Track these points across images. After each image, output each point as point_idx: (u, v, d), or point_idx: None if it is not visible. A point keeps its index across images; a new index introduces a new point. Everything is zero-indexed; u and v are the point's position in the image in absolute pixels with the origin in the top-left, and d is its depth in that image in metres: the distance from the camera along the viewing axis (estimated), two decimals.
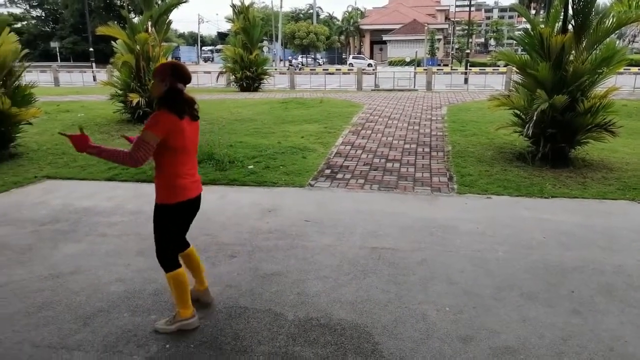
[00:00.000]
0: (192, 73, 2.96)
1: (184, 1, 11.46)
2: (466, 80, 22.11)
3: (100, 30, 10.60)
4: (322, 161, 7.46)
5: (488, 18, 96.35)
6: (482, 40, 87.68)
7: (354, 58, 50.12)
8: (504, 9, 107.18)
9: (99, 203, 5.57)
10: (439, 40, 54.85)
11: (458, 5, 56.80)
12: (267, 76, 20.14)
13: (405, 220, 4.98)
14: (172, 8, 11.40)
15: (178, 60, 31.96)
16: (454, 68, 33.44)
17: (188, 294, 2.99)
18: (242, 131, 9.84)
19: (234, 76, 19.64)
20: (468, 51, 32.33)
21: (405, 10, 58.52)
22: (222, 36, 61.46)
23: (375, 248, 4.26)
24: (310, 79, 23.11)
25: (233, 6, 18.95)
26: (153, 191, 2.86)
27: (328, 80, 22.41)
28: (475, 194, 5.87)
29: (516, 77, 8.22)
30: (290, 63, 42.39)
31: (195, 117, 2.86)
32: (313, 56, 57.85)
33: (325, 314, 3.20)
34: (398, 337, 2.95)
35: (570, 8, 6.76)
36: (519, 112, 7.54)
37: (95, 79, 25.33)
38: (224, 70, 20.10)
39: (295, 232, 4.64)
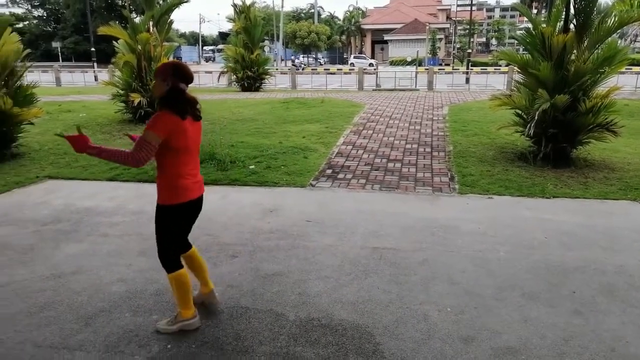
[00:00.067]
0: (194, 73, 2.95)
1: (186, 1, 11.48)
2: (467, 80, 22.09)
3: (102, 30, 10.62)
4: (324, 161, 7.46)
5: (490, 17, 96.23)
6: (484, 39, 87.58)
7: (355, 58, 50.10)
8: (505, 8, 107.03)
9: (100, 203, 5.59)
10: (441, 39, 54.82)
11: (459, 5, 56.81)
12: (269, 76, 20.15)
13: (406, 220, 4.98)
14: (174, 8, 11.41)
15: (179, 60, 31.99)
16: (455, 68, 33.44)
17: (190, 295, 2.99)
18: (244, 131, 9.85)
19: (235, 76, 19.67)
20: (469, 51, 32.33)
21: (406, 10, 58.46)
22: (224, 36, 61.48)
23: (376, 248, 4.26)
24: (311, 79, 23.10)
25: (234, 6, 18.97)
26: (154, 191, 2.86)
27: (329, 80, 22.43)
28: (477, 194, 5.86)
29: (518, 77, 8.21)
30: (293, 63, 42.38)
31: (197, 117, 2.83)
32: (314, 56, 57.84)
33: (327, 314, 3.21)
34: (399, 338, 2.95)
35: (571, 7, 6.75)
36: (520, 112, 7.54)
37: (96, 79, 25.35)
38: (226, 70, 20.12)
39: (297, 232, 4.64)
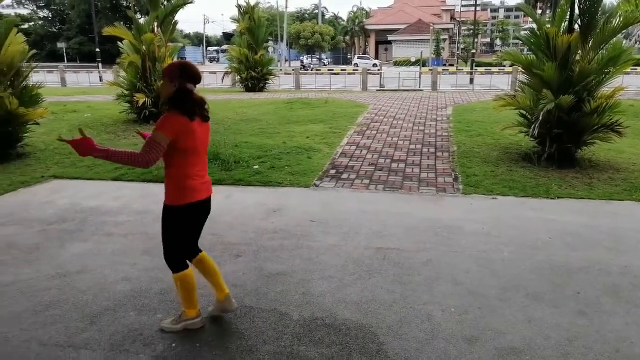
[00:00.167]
0: None
1: (190, 2, 11.54)
2: (472, 81, 22.05)
3: (107, 31, 10.68)
4: (328, 161, 7.47)
5: (494, 18, 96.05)
6: (488, 40, 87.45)
7: (359, 58, 50.07)
8: (510, 8, 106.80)
9: (105, 203, 5.61)
10: (445, 40, 54.73)
11: (464, 5, 56.56)
12: (273, 77, 20.19)
13: (410, 220, 4.98)
14: (178, 9, 11.47)
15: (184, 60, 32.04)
16: (459, 68, 33.37)
17: (194, 295, 3.00)
18: (248, 131, 9.87)
19: (239, 77, 19.74)
20: (474, 51, 32.24)
21: (410, 11, 58.41)
22: (228, 37, 61.61)
23: (380, 248, 4.26)
24: (315, 80, 23.12)
25: (239, 7, 19.04)
26: (159, 191, 2.87)
27: (333, 80, 22.42)
28: (481, 195, 5.86)
29: (522, 77, 8.20)
30: (302, 63, 42.19)
31: (206, 118, 2.80)
32: (318, 56, 57.89)
33: (331, 314, 3.21)
34: (403, 338, 2.95)
35: (576, 8, 6.74)
36: (525, 113, 7.52)
37: (101, 79, 25.50)
38: (230, 70, 20.19)
39: (301, 232, 4.65)
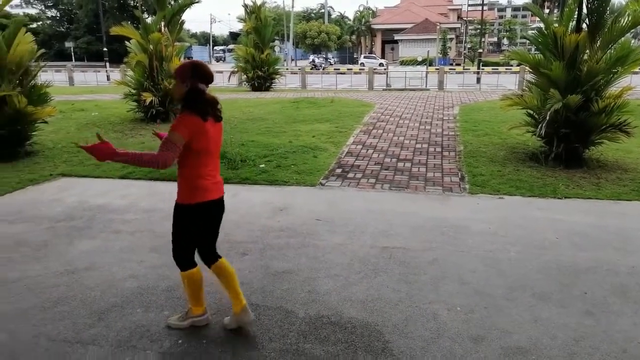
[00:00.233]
0: None
1: (197, 1, 11.58)
2: (478, 80, 21.95)
3: (114, 30, 10.74)
4: (333, 160, 7.47)
5: (501, 17, 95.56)
6: (495, 39, 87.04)
7: (365, 58, 50.00)
8: (517, 8, 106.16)
9: (113, 201, 5.64)
10: (451, 39, 54.53)
11: (470, 5, 56.38)
12: (279, 76, 20.21)
13: (416, 219, 4.97)
14: (185, 8, 11.51)
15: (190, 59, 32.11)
16: (466, 67, 33.25)
17: (201, 292, 3.02)
18: (254, 130, 9.89)
19: (245, 76, 19.78)
20: (480, 50, 32.10)
21: (417, 10, 58.20)
22: (234, 36, 61.79)
23: (386, 247, 4.26)
24: (321, 79, 23.11)
25: (245, 6, 19.08)
26: (166, 189, 2.91)
27: (339, 79, 22.41)
28: (487, 194, 5.84)
29: (529, 77, 8.15)
30: (313, 63, 42.01)
31: (218, 118, 2.78)
32: (324, 56, 57.88)
33: (336, 312, 3.22)
34: (408, 336, 2.95)
35: (584, 7, 6.70)
36: (532, 112, 7.49)
37: (109, 78, 25.62)
38: (236, 69, 20.22)
39: (306, 231, 4.66)
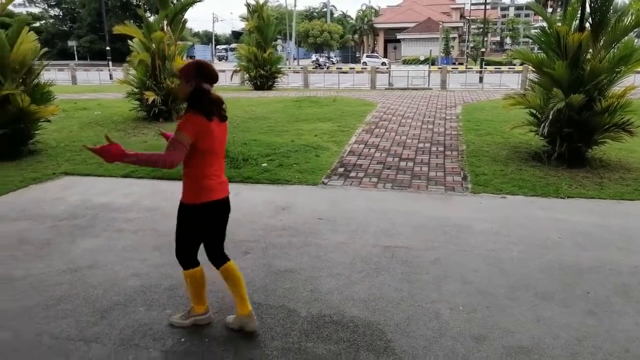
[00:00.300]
0: None
1: (199, 0, 11.58)
2: (481, 79, 21.91)
3: (117, 29, 10.77)
4: (336, 159, 7.47)
5: (504, 16, 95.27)
6: (498, 38, 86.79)
7: (367, 57, 49.94)
8: (520, 7, 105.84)
9: (115, 199, 5.65)
10: (454, 38, 54.41)
11: (473, 3, 56.23)
12: (281, 75, 20.21)
13: (418, 219, 4.97)
14: (188, 7, 11.52)
15: (193, 59, 32.16)
16: (468, 67, 33.16)
17: (203, 291, 3.02)
18: (256, 129, 9.90)
19: (248, 75, 19.79)
20: (483, 50, 32.07)
21: (419, 9, 58.13)
22: (237, 35, 61.86)
23: (388, 246, 4.26)
24: (324, 78, 23.10)
25: (247, 5, 19.07)
26: (169, 188, 2.91)
27: (342, 79, 22.38)
28: (490, 194, 5.83)
29: (532, 76, 8.13)
30: (317, 62, 41.88)
31: (223, 118, 2.77)
32: (327, 55, 57.84)
33: (338, 311, 3.22)
34: (411, 335, 2.95)
35: (587, 6, 6.67)
36: (534, 111, 7.47)
37: (111, 77, 25.67)
38: (238, 68, 20.23)
39: (309, 230, 4.66)
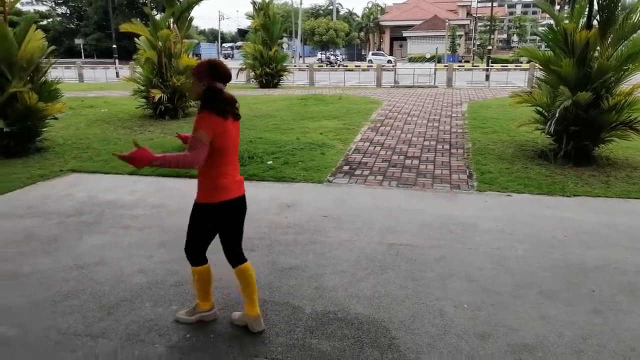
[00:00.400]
0: None
1: None
2: (487, 77, 21.82)
3: (124, 27, 10.81)
4: (341, 157, 7.47)
5: (511, 14, 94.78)
6: (505, 36, 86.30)
7: (373, 54, 49.88)
8: (527, 4, 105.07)
9: (122, 196, 5.69)
10: (460, 36, 54.20)
11: (480, 1, 55.83)
12: (287, 73, 20.21)
13: (423, 217, 4.97)
14: (194, 5, 11.55)
15: (199, 56, 32.25)
16: (475, 64, 33.04)
17: (210, 288, 3.04)
18: (262, 127, 9.91)
19: (253, 73, 19.82)
20: (490, 47, 31.89)
21: (426, 6, 57.92)
22: (242, 33, 61.90)
23: (393, 244, 4.26)
24: (329, 76, 23.08)
25: (253, 3, 19.08)
26: (174, 185, 2.93)
27: (347, 76, 22.37)
28: (496, 192, 5.81)
29: (539, 74, 8.09)
30: (328, 60, 41.76)
31: (237, 116, 2.76)
32: (332, 52, 57.75)
33: (343, 308, 3.23)
34: (415, 332, 2.96)
35: (595, 3, 6.63)
36: (541, 109, 7.43)
37: (118, 75, 25.80)
38: (244, 66, 20.26)
39: (314, 227, 4.67)
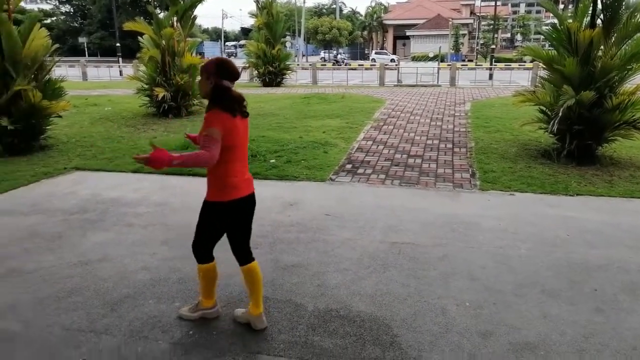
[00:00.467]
0: None
1: None
2: (491, 76, 21.79)
3: (127, 25, 10.85)
4: (344, 156, 7.48)
5: (515, 13, 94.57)
6: (508, 35, 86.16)
7: (376, 53, 49.80)
8: (531, 3, 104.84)
9: (125, 194, 5.70)
10: (464, 35, 54.08)
11: (484, 0, 55.83)
12: (290, 71, 20.22)
13: (426, 215, 4.97)
14: (197, 3, 11.57)
15: (202, 55, 32.28)
16: (478, 64, 32.96)
17: (214, 286, 3.05)
18: (265, 126, 9.93)
19: (256, 71, 19.83)
20: (493, 46, 31.85)
21: (429, 5, 57.84)
22: (246, 31, 61.88)
23: (395, 243, 4.27)
24: (332, 75, 23.07)
25: (257, 1, 19.08)
26: (177, 183, 2.94)
27: (350, 75, 22.35)
28: (498, 191, 5.81)
29: (543, 73, 8.08)
30: (335, 58, 41.75)
31: (245, 114, 2.76)
32: (335, 52, 57.69)
33: (345, 306, 3.24)
34: (417, 330, 2.97)
35: (599, 2, 6.61)
36: (544, 108, 7.42)
37: (121, 73, 25.83)
38: (247, 65, 20.27)
39: (316, 226, 4.68)
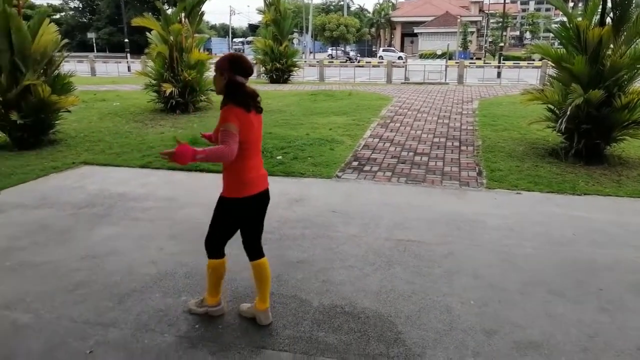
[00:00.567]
0: None
1: None
2: (499, 74, 21.67)
3: (136, 21, 10.88)
4: (350, 153, 7.48)
5: (524, 10, 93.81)
6: (517, 33, 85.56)
7: (384, 51, 49.55)
8: (540, 1, 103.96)
9: (133, 189, 5.75)
10: (472, 33, 53.72)
11: None
12: (297, 68, 20.22)
13: (432, 213, 4.97)
14: (205, 0, 11.58)
15: (209, 52, 32.32)
16: (486, 61, 32.76)
17: (220, 284, 3.06)
18: (272, 122, 9.94)
19: (264, 68, 19.86)
20: (502, 44, 31.65)
21: (437, 2, 57.47)
22: (253, 28, 61.84)
23: (401, 240, 4.28)
24: (339, 72, 23.04)
25: None
26: (184, 179, 2.96)
27: (357, 72, 22.31)
28: (505, 189, 5.80)
29: (551, 72, 8.03)
30: (348, 56, 41.69)
31: (259, 110, 2.78)
32: (343, 49, 57.54)
33: (350, 302, 3.26)
34: (421, 327, 2.98)
35: (609, 0, 6.56)
36: (552, 107, 7.38)
37: (130, 69, 25.99)
38: (255, 62, 20.29)
39: (322, 222, 4.69)
